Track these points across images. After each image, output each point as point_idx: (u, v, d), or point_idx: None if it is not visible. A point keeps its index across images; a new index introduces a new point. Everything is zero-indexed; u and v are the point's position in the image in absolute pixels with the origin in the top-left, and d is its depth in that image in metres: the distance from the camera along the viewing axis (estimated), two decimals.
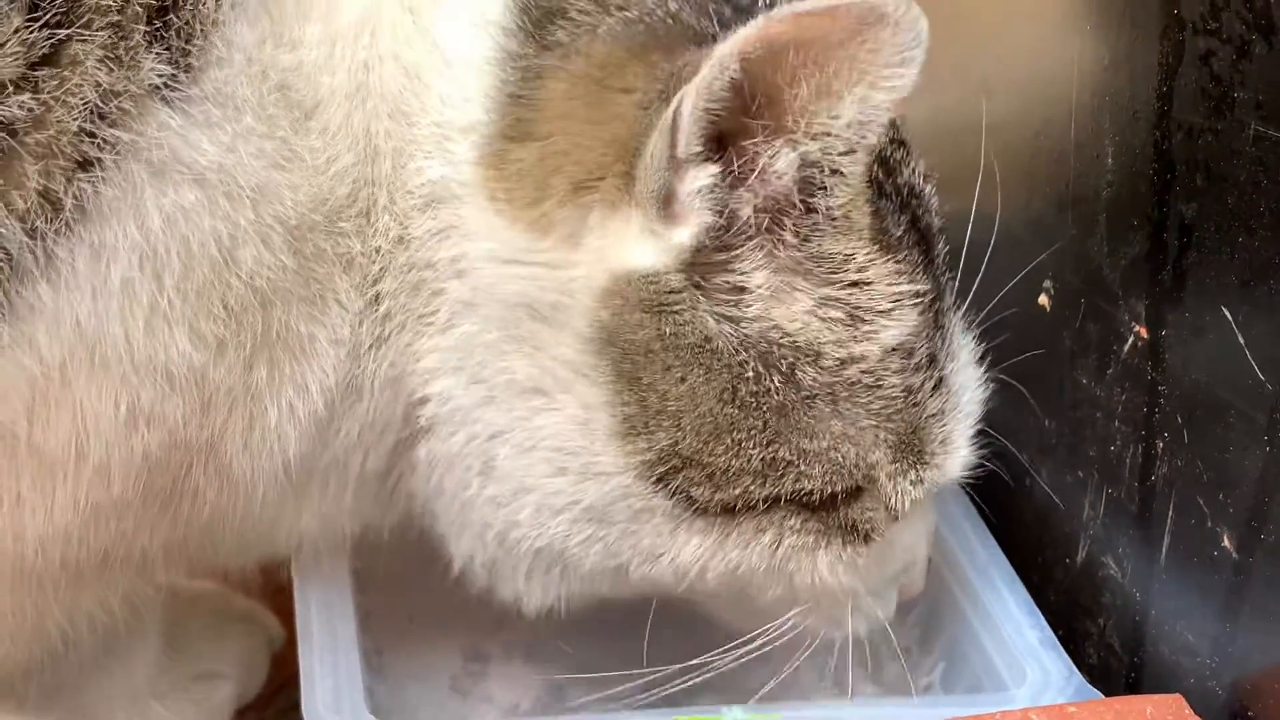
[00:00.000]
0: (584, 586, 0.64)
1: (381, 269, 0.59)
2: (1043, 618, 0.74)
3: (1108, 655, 0.73)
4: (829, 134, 0.53)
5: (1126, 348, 0.68)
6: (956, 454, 0.63)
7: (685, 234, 0.55)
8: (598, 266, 0.56)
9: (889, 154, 0.61)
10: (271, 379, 0.57)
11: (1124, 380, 0.68)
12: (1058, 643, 0.72)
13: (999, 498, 0.80)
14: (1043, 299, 0.74)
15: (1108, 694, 0.72)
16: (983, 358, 0.68)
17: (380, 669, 0.77)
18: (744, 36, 0.50)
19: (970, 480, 0.81)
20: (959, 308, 0.65)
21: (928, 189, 0.64)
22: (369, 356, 0.59)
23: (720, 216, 0.55)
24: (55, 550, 0.56)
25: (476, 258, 0.58)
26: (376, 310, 0.59)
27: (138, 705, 0.74)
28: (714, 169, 0.54)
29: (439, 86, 0.58)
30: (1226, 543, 0.63)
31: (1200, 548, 0.64)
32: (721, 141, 0.54)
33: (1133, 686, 0.71)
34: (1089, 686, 0.70)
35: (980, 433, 0.79)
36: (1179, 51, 0.61)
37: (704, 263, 0.56)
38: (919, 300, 0.60)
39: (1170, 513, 0.66)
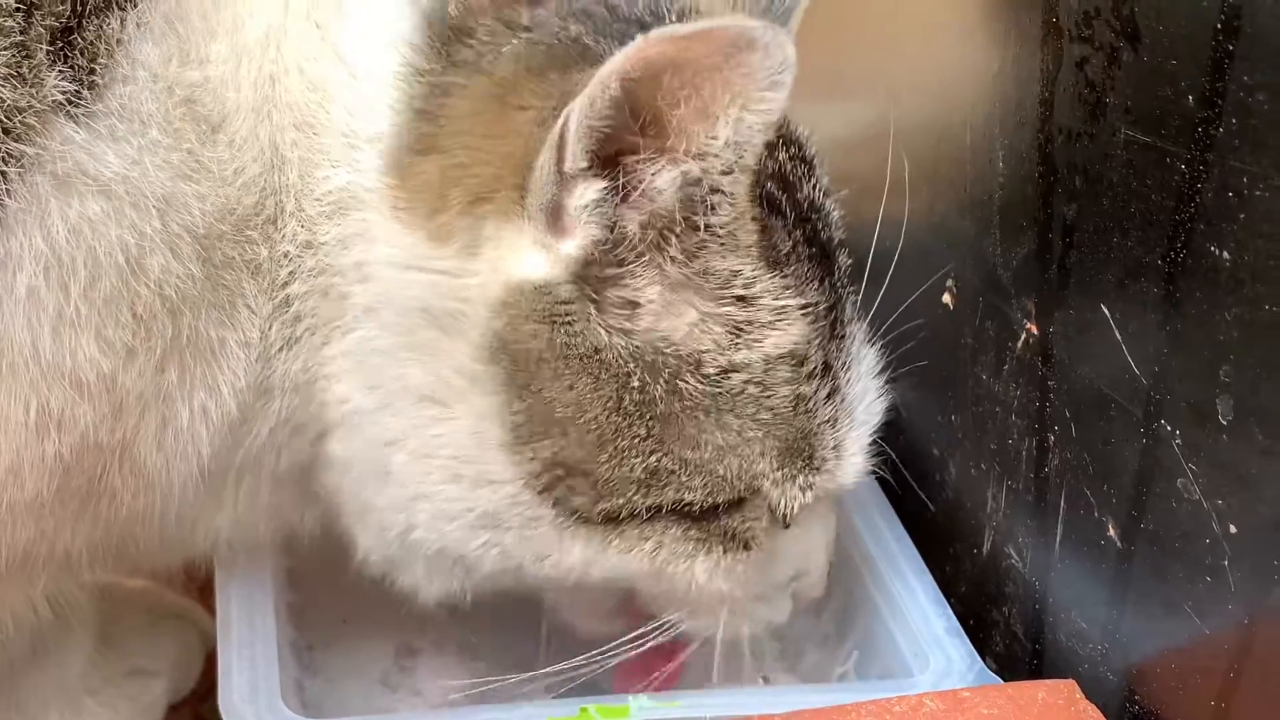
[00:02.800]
0: (484, 583, 0.66)
1: (290, 273, 0.60)
2: (949, 607, 0.76)
3: (1012, 642, 0.75)
4: (708, 154, 0.55)
5: (1019, 345, 0.70)
6: (850, 461, 0.65)
7: (573, 246, 0.57)
8: (492, 277, 0.58)
9: (788, 170, 0.63)
10: (183, 382, 0.59)
11: (1018, 376, 0.71)
12: (962, 631, 0.75)
13: (912, 490, 0.83)
14: (946, 298, 0.77)
15: (1012, 679, 0.74)
16: (893, 358, 0.70)
17: (311, 665, 0.79)
18: (623, 55, 0.52)
19: (883, 473, 0.84)
20: (863, 316, 0.68)
21: (828, 204, 0.66)
22: (279, 358, 0.61)
23: (610, 231, 0.57)
24: None
25: (378, 263, 0.60)
26: (286, 312, 0.61)
27: (71, 701, 0.75)
28: (600, 184, 0.56)
29: (345, 99, 0.60)
30: (1111, 532, 0.65)
31: (1089, 537, 0.67)
32: (615, 160, 0.56)
33: (1035, 672, 0.73)
34: (990, 673, 0.73)
35: (893, 428, 0.82)
36: (1058, 58, 0.64)
37: (597, 277, 0.58)
38: (808, 311, 0.61)
39: (1062, 504, 0.69)
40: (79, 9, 0.54)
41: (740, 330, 0.60)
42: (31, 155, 0.52)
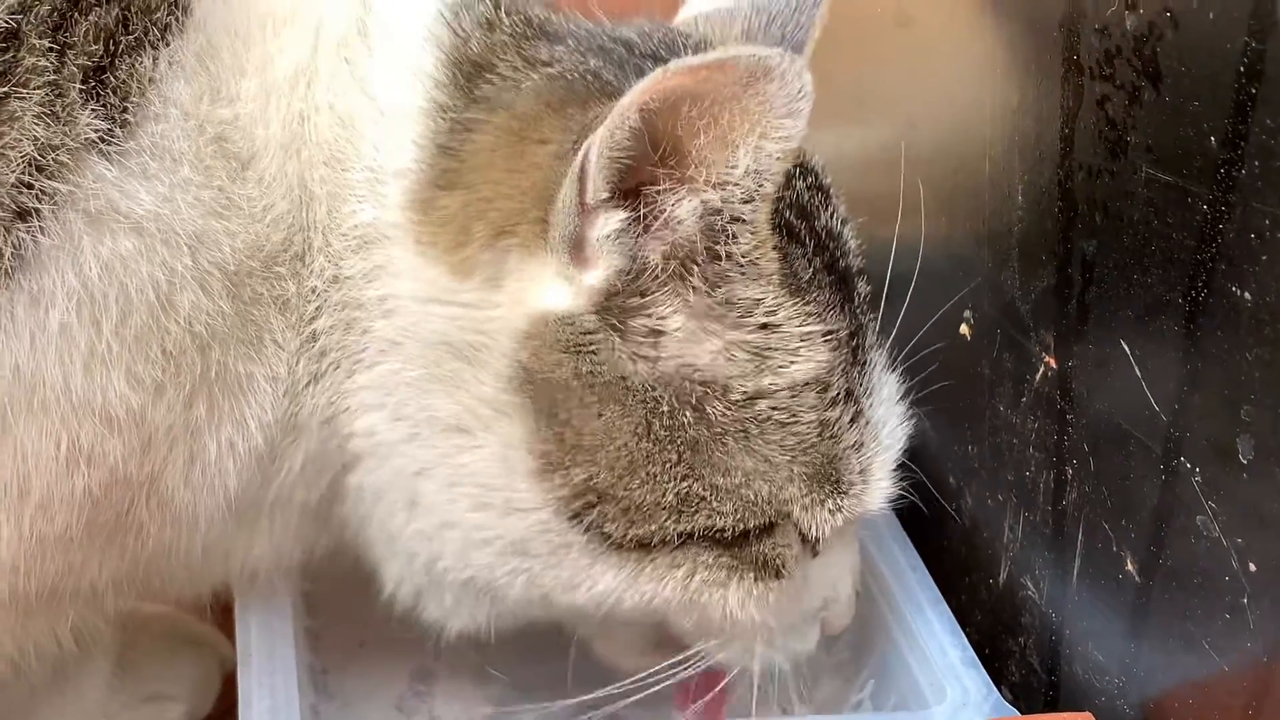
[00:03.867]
0: (512, 611, 0.67)
1: (317, 308, 0.61)
2: (964, 637, 0.76)
3: (1028, 673, 0.75)
4: (728, 183, 0.56)
5: (1038, 377, 0.70)
6: (876, 485, 0.65)
7: (596, 277, 0.57)
8: (516, 309, 0.59)
9: (806, 200, 0.63)
10: (211, 417, 0.59)
11: (1036, 409, 0.71)
12: (978, 661, 0.75)
13: (929, 520, 0.83)
14: (964, 328, 0.77)
15: (1028, 710, 0.74)
16: (911, 385, 0.70)
17: (327, 689, 0.80)
18: (642, 89, 0.52)
19: (901, 504, 0.84)
20: (883, 344, 0.68)
21: (846, 232, 0.66)
22: (306, 393, 0.62)
23: (631, 261, 0.57)
24: (3, 582, 0.58)
25: (402, 297, 0.60)
26: (313, 347, 0.61)
27: None
28: (622, 215, 0.56)
29: (372, 134, 0.61)
30: (1130, 566, 0.65)
31: (1107, 571, 0.67)
32: (636, 192, 0.57)
33: (1051, 703, 0.74)
34: (1006, 704, 0.73)
35: (911, 457, 0.82)
36: (1079, 95, 0.64)
37: (620, 307, 0.58)
38: (830, 338, 0.62)
39: (1080, 537, 0.69)
40: (112, 49, 0.54)
41: (764, 357, 0.60)
42: (65, 192, 0.53)
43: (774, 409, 0.61)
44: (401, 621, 0.73)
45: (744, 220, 0.57)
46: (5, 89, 0.52)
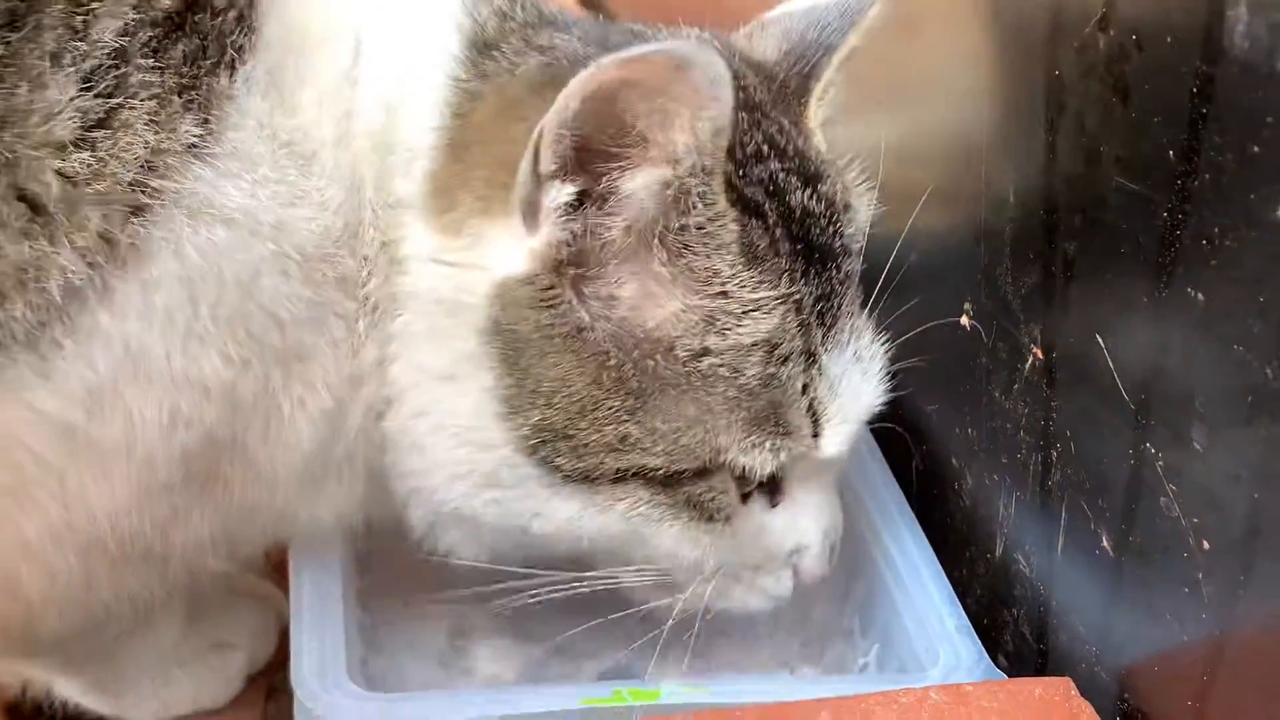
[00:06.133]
0: (501, 541, 0.74)
1: (369, 273, 0.69)
2: (960, 607, 0.82)
3: (1021, 642, 0.81)
4: (674, 159, 0.63)
5: (1027, 367, 0.76)
6: (829, 430, 0.71)
7: (546, 241, 0.65)
8: (489, 269, 0.66)
9: (779, 179, 0.69)
10: (285, 383, 0.67)
11: (1026, 396, 0.76)
12: (972, 629, 0.80)
13: (934, 499, 0.89)
14: (965, 320, 0.82)
15: (1020, 676, 0.80)
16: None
17: (375, 643, 0.87)
18: (581, 77, 0.60)
19: (908, 482, 0.90)
20: (860, 310, 0.73)
21: (831, 212, 0.72)
22: (365, 346, 0.69)
23: (585, 231, 0.65)
24: (121, 523, 0.66)
25: (411, 257, 0.68)
26: (367, 304, 0.69)
27: (162, 670, 0.84)
28: (572, 189, 0.64)
29: (407, 114, 0.69)
30: (1105, 543, 0.70)
31: (1085, 547, 0.72)
32: (595, 172, 0.64)
33: (1040, 670, 0.79)
34: (995, 669, 0.78)
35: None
36: (1060, 108, 0.69)
37: (578, 274, 0.66)
38: (784, 303, 0.68)
39: (1063, 515, 0.74)
40: (198, 70, 0.62)
41: (713, 320, 0.67)
42: (170, 190, 0.61)
43: (718, 366, 0.67)
44: (442, 582, 0.80)
45: (694, 193, 0.64)
46: (120, 99, 0.60)
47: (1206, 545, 0.62)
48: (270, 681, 0.89)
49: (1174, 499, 0.64)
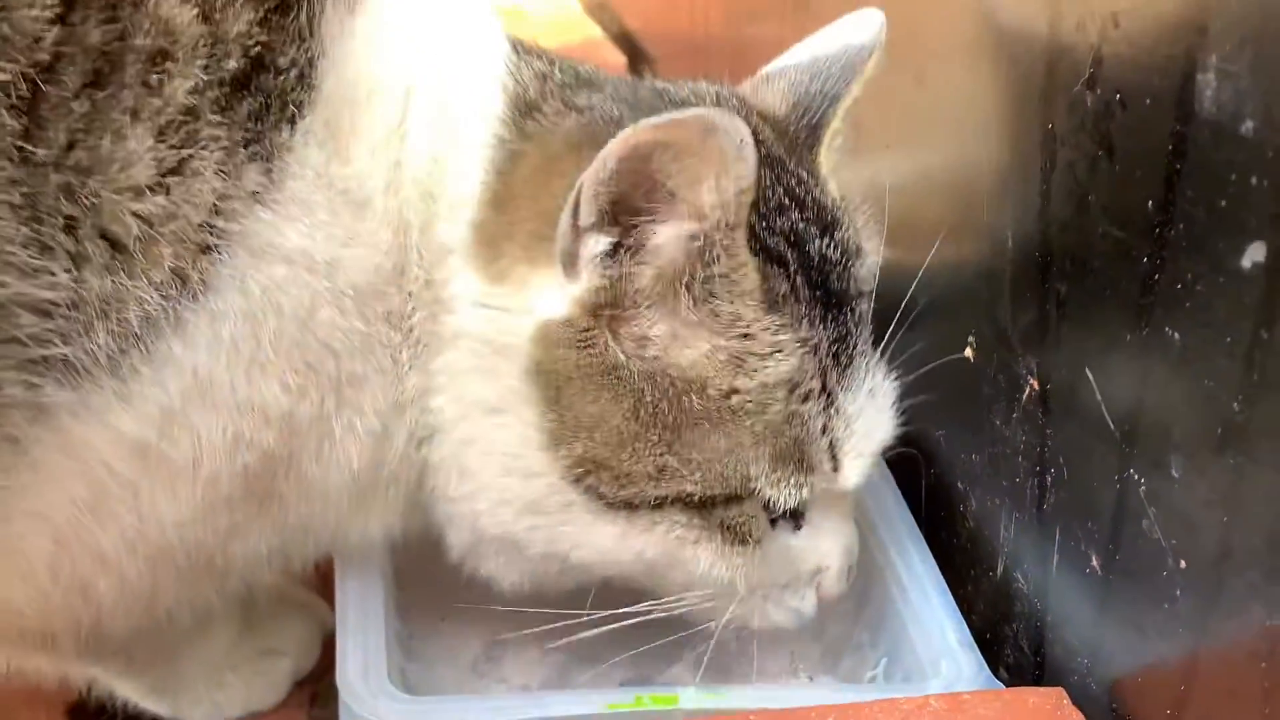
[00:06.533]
0: (542, 565, 0.79)
1: (413, 308, 0.75)
2: (963, 621, 0.87)
3: (1020, 655, 0.86)
4: (701, 214, 0.68)
5: (1025, 397, 0.81)
6: (847, 464, 0.77)
7: (584, 289, 0.71)
8: (532, 313, 0.72)
9: (800, 229, 0.75)
10: (338, 408, 0.73)
11: (1024, 424, 0.82)
12: (973, 643, 0.86)
13: (941, 520, 0.94)
14: (969, 351, 0.88)
15: (1018, 686, 0.85)
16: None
17: (413, 652, 0.93)
18: (618, 139, 0.66)
19: (918, 503, 0.96)
20: (874, 349, 0.79)
21: (848, 259, 0.77)
22: (409, 376, 0.75)
23: (619, 278, 0.70)
24: (188, 534, 0.72)
25: (459, 298, 0.74)
26: (411, 336, 0.75)
27: (215, 673, 0.90)
28: (608, 240, 0.69)
29: (454, 166, 0.75)
30: (1094, 563, 0.75)
31: (1077, 566, 0.77)
32: (628, 224, 0.70)
33: (1037, 681, 0.84)
34: (994, 680, 0.84)
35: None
36: (1053, 159, 0.75)
37: (613, 316, 0.71)
38: (804, 345, 0.73)
39: (1057, 536, 0.79)
40: (263, 124, 0.68)
41: (740, 361, 0.72)
42: (236, 232, 0.67)
43: (746, 402, 0.73)
44: (477, 597, 0.85)
45: (721, 245, 0.69)
46: (192, 150, 0.66)
47: (1184, 565, 0.67)
48: (314, 687, 0.95)
49: (1155, 522, 0.69)
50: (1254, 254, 0.59)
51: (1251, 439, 0.61)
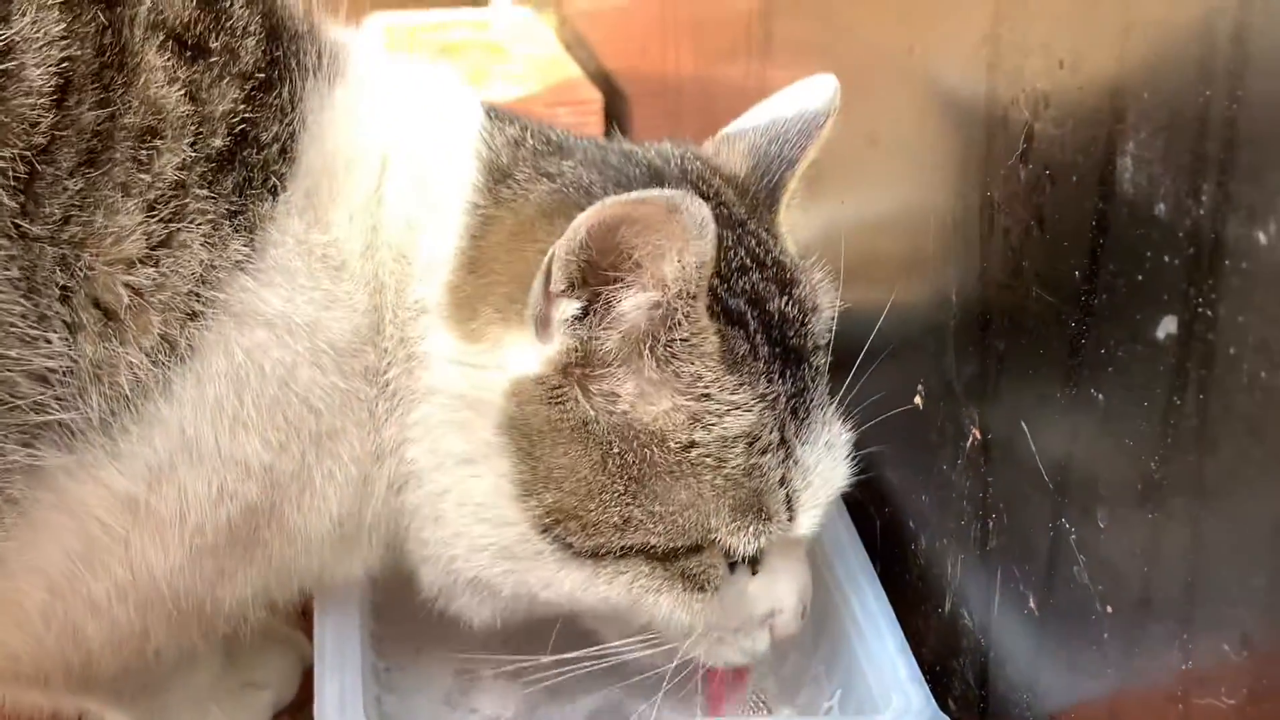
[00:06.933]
0: (512, 605, 0.83)
1: (389, 363, 0.79)
2: (913, 657, 0.91)
3: (966, 688, 0.90)
4: (663, 284, 0.72)
5: (969, 445, 0.86)
6: (804, 514, 0.81)
7: (555, 350, 0.75)
8: (505, 371, 0.76)
9: (760, 289, 0.79)
10: (318, 460, 0.77)
11: (968, 471, 0.86)
12: (921, 678, 0.90)
13: (893, 558, 0.98)
14: (918, 399, 0.92)
15: (964, 719, 0.89)
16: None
17: (389, 683, 0.97)
18: (588, 213, 0.70)
19: (873, 541, 1.00)
20: (830, 401, 0.83)
21: (804, 315, 0.82)
22: (385, 426, 0.79)
23: (588, 340, 0.74)
24: (178, 582, 0.76)
25: (434, 356, 0.78)
26: (386, 390, 0.79)
27: (198, 705, 0.94)
28: (577, 305, 0.73)
29: (430, 229, 0.79)
30: (1031, 604, 0.80)
31: (1016, 606, 0.82)
32: (596, 290, 0.74)
33: (983, 714, 0.88)
34: (941, 714, 0.88)
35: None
36: (991, 224, 0.79)
37: (584, 374, 0.75)
38: (762, 401, 0.77)
39: (999, 577, 0.84)
40: (246, 197, 0.72)
41: (699, 418, 0.77)
42: (221, 299, 0.71)
43: (705, 456, 0.77)
44: (449, 631, 0.90)
45: (680, 311, 0.74)
46: (180, 224, 0.70)
47: (1109, 610, 0.72)
48: (294, 717, 0.99)
49: (1084, 568, 0.73)
50: (1167, 326, 0.64)
51: (1167, 496, 0.65)
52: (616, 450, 0.76)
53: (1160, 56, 0.63)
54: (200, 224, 0.70)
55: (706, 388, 0.76)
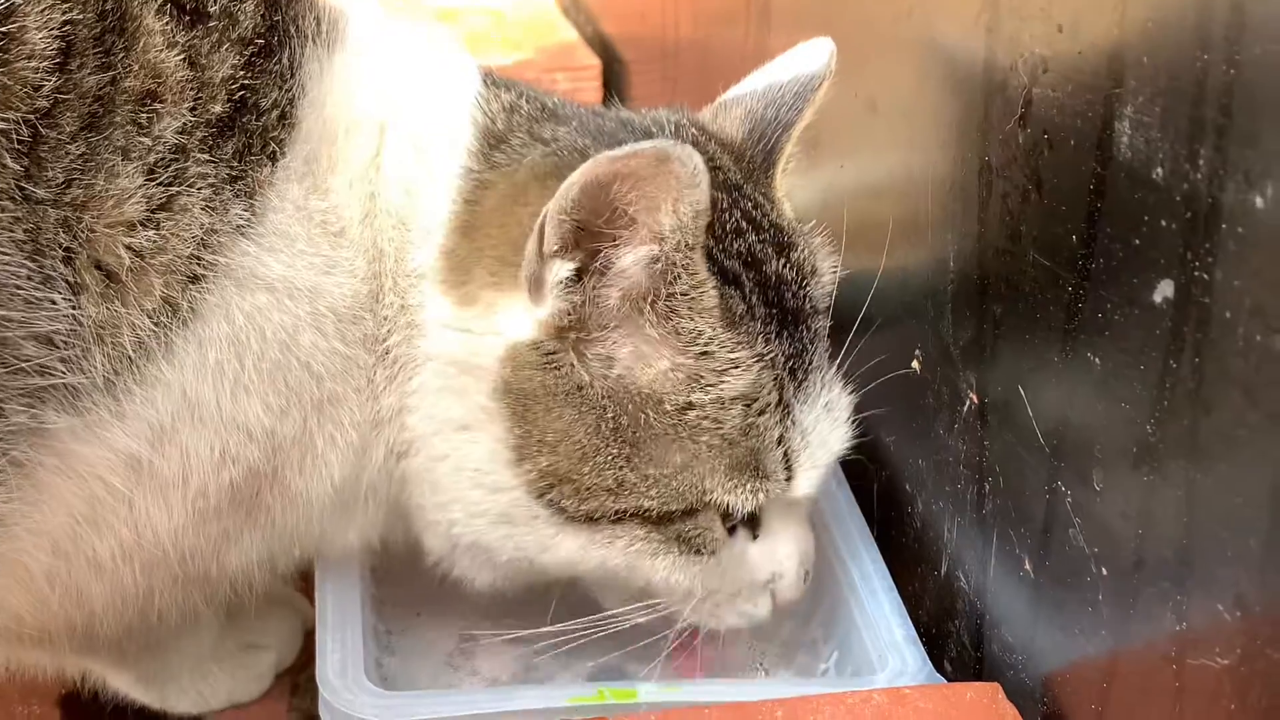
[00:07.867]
0: (511, 569, 0.84)
1: (389, 330, 0.79)
2: (908, 619, 0.92)
3: (962, 650, 0.91)
4: (661, 237, 0.72)
5: (965, 409, 0.86)
6: (801, 475, 0.81)
7: (553, 311, 0.75)
8: (499, 335, 0.77)
9: (756, 250, 0.80)
10: (320, 425, 0.78)
11: (964, 434, 0.87)
12: (917, 639, 0.91)
13: (890, 521, 0.99)
14: (915, 364, 0.93)
15: (960, 680, 0.90)
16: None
17: (390, 646, 0.97)
18: (580, 171, 0.70)
19: (870, 505, 1.01)
20: (831, 364, 0.84)
21: (803, 278, 0.82)
22: (384, 394, 0.80)
23: (583, 302, 0.74)
24: (183, 542, 0.76)
25: (431, 322, 0.78)
26: (386, 358, 0.79)
27: (199, 666, 0.95)
28: (572, 265, 0.74)
29: (427, 195, 0.79)
30: (1027, 566, 0.81)
31: (1011, 569, 0.82)
32: (592, 250, 0.74)
33: (978, 676, 0.89)
34: (937, 675, 0.89)
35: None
36: (989, 189, 0.80)
37: (579, 337, 0.75)
38: (761, 361, 0.78)
39: (994, 540, 0.84)
40: (246, 162, 0.72)
41: (699, 377, 0.77)
42: (222, 264, 0.72)
43: (702, 418, 0.77)
44: (450, 595, 0.90)
45: (679, 265, 0.74)
46: (180, 188, 0.70)
47: (1104, 572, 0.72)
48: (295, 679, 1.00)
49: (1079, 531, 0.74)
50: (1164, 290, 0.64)
51: (1162, 459, 0.66)
52: (611, 414, 0.77)
53: (1158, 21, 0.63)
54: (200, 188, 0.70)
55: (706, 345, 0.76)
